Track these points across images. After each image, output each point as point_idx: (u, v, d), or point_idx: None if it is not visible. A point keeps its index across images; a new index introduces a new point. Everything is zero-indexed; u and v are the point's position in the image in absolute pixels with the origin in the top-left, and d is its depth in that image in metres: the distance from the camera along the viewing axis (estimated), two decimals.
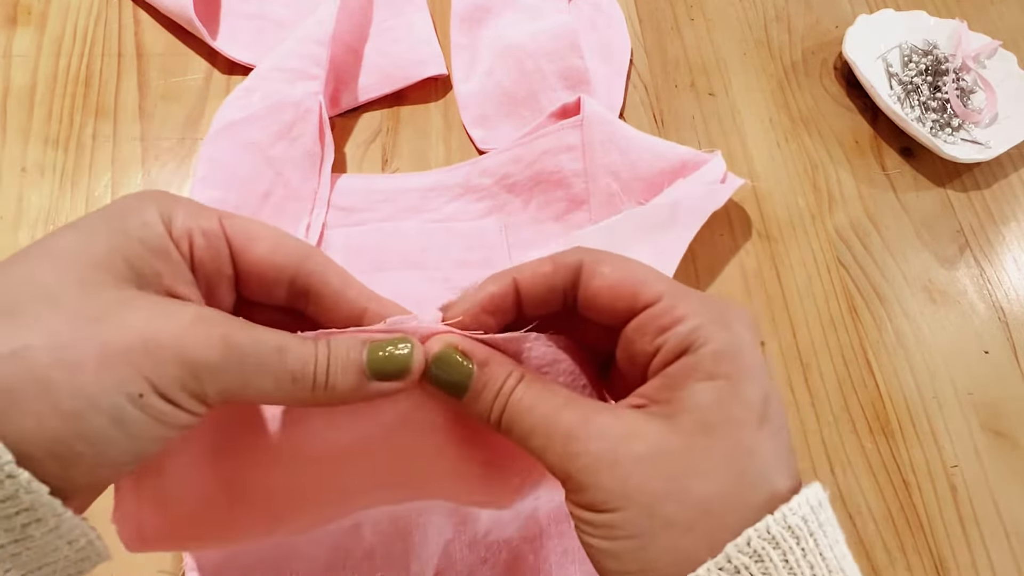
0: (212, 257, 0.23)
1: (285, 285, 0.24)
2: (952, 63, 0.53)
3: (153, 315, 0.20)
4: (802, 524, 0.21)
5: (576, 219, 0.45)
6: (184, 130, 0.48)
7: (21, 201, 0.45)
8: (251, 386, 0.21)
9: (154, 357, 0.19)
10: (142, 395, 0.19)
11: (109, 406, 0.19)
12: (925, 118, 0.52)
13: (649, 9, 0.55)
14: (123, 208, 0.22)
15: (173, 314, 0.20)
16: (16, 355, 0.18)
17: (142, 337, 0.19)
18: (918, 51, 0.54)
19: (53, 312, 0.19)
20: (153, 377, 0.19)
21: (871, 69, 0.53)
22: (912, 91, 0.53)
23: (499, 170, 0.46)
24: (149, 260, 0.21)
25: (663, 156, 0.43)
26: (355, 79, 0.50)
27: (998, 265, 0.47)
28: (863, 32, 0.53)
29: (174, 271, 0.22)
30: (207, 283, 0.23)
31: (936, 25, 0.55)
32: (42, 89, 0.49)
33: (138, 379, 0.19)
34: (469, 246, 0.44)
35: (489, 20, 0.52)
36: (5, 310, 0.19)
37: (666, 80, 0.52)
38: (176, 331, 0.20)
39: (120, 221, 0.22)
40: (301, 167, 0.44)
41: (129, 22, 0.51)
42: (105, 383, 0.19)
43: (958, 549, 0.39)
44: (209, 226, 0.23)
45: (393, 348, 0.23)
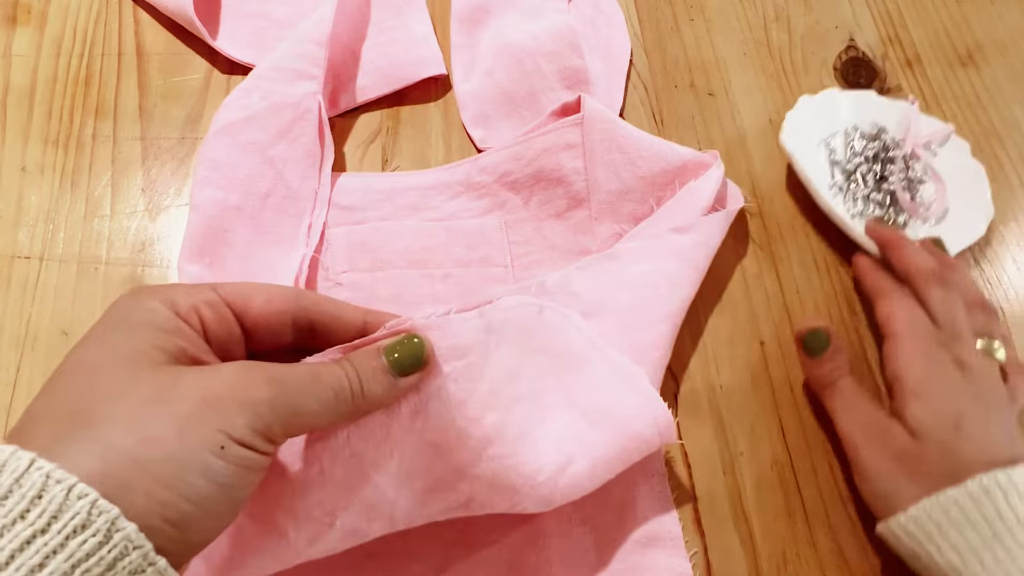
0: (220, 323, 0.26)
1: (289, 326, 0.28)
2: (901, 149, 0.48)
3: (202, 379, 0.23)
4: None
5: (577, 217, 0.45)
6: (184, 130, 0.48)
7: (21, 201, 0.45)
8: (302, 412, 0.25)
9: (220, 411, 0.22)
10: (223, 447, 0.22)
11: (200, 465, 0.22)
12: (867, 214, 0.46)
13: (649, 9, 0.55)
14: (125, 308, 0.25)
15: (217, 373, 0.23)
16: (108, 449, 0.21)
17: (203, 399, 0.22)
18: (864, 135, 0.49)
19: (119, 406, 0.22)
20: (227, 428, 0.22)
21: (812, 156, 0.48)
22: (855, 181, 0.47)
23: (499, 168, 0.46)
24: (170, 340, 0.24)
25: (663, 155, 0.43)
26: (353, 80, 0.50)
27: (998, 265, 0.47)
28: (805, 115, 0.48)
29: (192, 343, 0.25)
30: (221, 347, 0.26)
31: (885, 106, 0.50)
32: (42, 89, 0.49)
33: (215, 434, 0.22)
34: (470, 244, 0.44)
35: (489, 20, 0.52)
36: (80, 414, 0.21)
37: (666, 80, 0.52)
38: (227, 384, 0.23)
39: (129, 319, 0.24)
40: (301, 167, 0.44)
41: (129, 22, 0.51)
42: (190, 446, 0.21)
43: None
44: (209, 297, 0.26)
45: (405, 345, 0.28)
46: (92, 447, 0.21)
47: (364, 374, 0.27)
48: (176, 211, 0.45)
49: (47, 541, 0.19)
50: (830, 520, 0.38)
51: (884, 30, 0.55)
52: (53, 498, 0.19)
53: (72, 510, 0.19)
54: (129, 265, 0.44)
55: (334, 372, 0.26)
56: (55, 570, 0.19)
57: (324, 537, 0.29)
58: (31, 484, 0.19)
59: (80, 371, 0.23)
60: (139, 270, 0.43)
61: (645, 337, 0.38)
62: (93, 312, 0.42)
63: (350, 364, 0.27)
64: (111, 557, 0.19)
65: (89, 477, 0.20)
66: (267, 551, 0.29)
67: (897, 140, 0.48)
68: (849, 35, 0.55)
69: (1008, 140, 0.51)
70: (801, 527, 0.38)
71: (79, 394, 0.22)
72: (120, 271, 0.43)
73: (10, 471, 0.20)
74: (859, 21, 0.56)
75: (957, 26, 0.56)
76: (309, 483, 0.29)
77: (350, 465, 0.29)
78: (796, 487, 0.39)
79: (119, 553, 0.20)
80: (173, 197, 0.46)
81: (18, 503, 0.19)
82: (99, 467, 0.20)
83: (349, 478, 0.29)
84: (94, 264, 0.43)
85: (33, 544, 0.19)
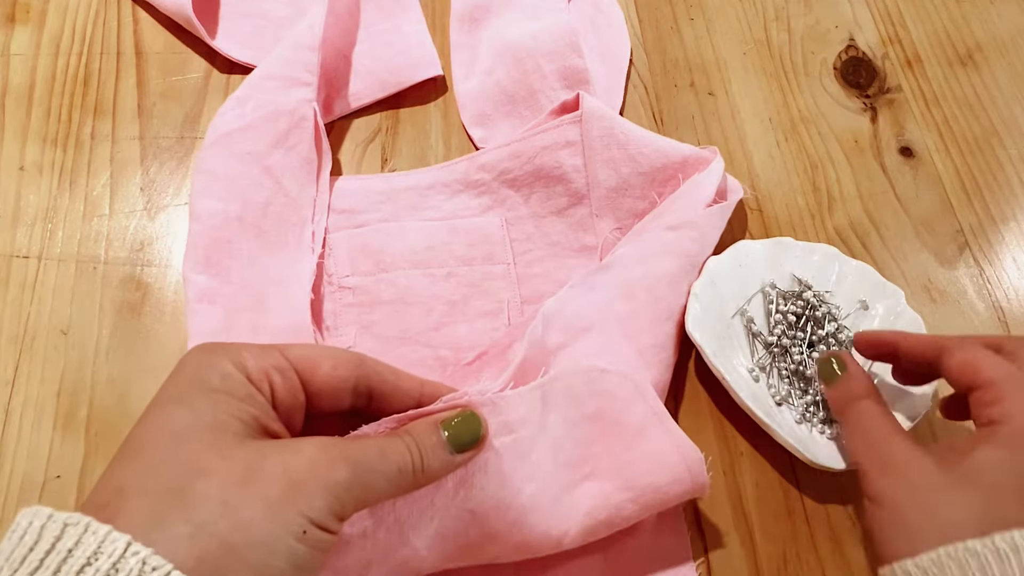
0: (288, 390, 0.27)
1: (350, 392, 0.28)
2: (829, 306, 0.41)
3: (285, 460, 0.23)
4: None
5: (578, 214, 0.45)
6: (183, 129, 0.48)
7: (19, 200, 0.45)
8: (371, 489, 0.25)
9: (303, 495, 0.23)
10: (305, 532, 0.23)
11: (285, 550, 0.22)
12: (794, 400, 0.39)
13: (649, 9, 0.55)
14: (198, 370, 0.25)
15: (298, 452, 0.24)
16: (202, 532, 0.21)
17: (288, 481, 0.23)
18: (786, 295, 0.41)
19: (212, 486, 0.22)
20: (309, 513, 0.23)
21: (727, 335, 0.40)
22: (779, 356, 0.40)
23: (498, 166, 0.46)
24: (245, 409, 0.25)
25: (664, 152, 0.43)
26: (347, 85, 0.49)
27: (998, 265, 0.46)
28: (714, 281, 0.41)
29: (263, 412, 0.25)
30: (286, 413, 0.27)
31: (803, 253, 0.43)
32: (40, 88, 0.48)
33: (299, 519, 0.23)
34: (471, 242, 0.44)
35: (489, 19, 0.52)
36: (175, 492, 0.22)
37: (666, 80, 0.52)
38: (309, 466, 0.24)
39: (205, 382, 0.25)
40: (299, 175, 0.44)
41: (128, 21, 0.51)
42: (277, 532, 0.22)
43: None
44: (279, 363, 0.26)
45: (463, 422, 0.28)
46: (187, 530, 0.21)
47: (424, 449, 0.27)
48: (175, 210, 0.45)
49: None
50: (830, 520, 0.38)
51: (884, 30, 0.55)
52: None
53: None
54: (128, 265, 0.43)
55: (398, 448, 0.26)
56: None
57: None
58: (128, 570, 0.19)
59: (167, 441, 0.23)
60: (138, 270, 0.43)
61: (650, 341, 0.38)
62: (92, 312, 0.42)
63: (412, 439, 0.27)
64: None
65: (184, 563, 0.20)
66: None
67: (823, 293, 0.42)
68: (849, 35, 0.55)
69: (1008, 140, 0.51)
70: (801, 527, 0.38)
71: (170, 468, 0.22)
72: (119, 270, 0.43)
73: (107, 555, 0.20)
74: (859, 21, 0.55)
75: (957, 26, 0.56)
76: (351, 544, 0.29)
77: (392, 529, 0.29)
78: (796, 487, 0.39)
79: None
80: (172, 196, 0.46)
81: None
82: (194, 552, 0.20)
83: (389, 540, 0.29)
84: (93, 263, 0.43)
85: None
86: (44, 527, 0.20)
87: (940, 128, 0.51)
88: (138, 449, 0.23)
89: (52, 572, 0.19)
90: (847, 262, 0.43)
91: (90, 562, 0.19)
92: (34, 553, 0.20)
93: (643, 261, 0.40)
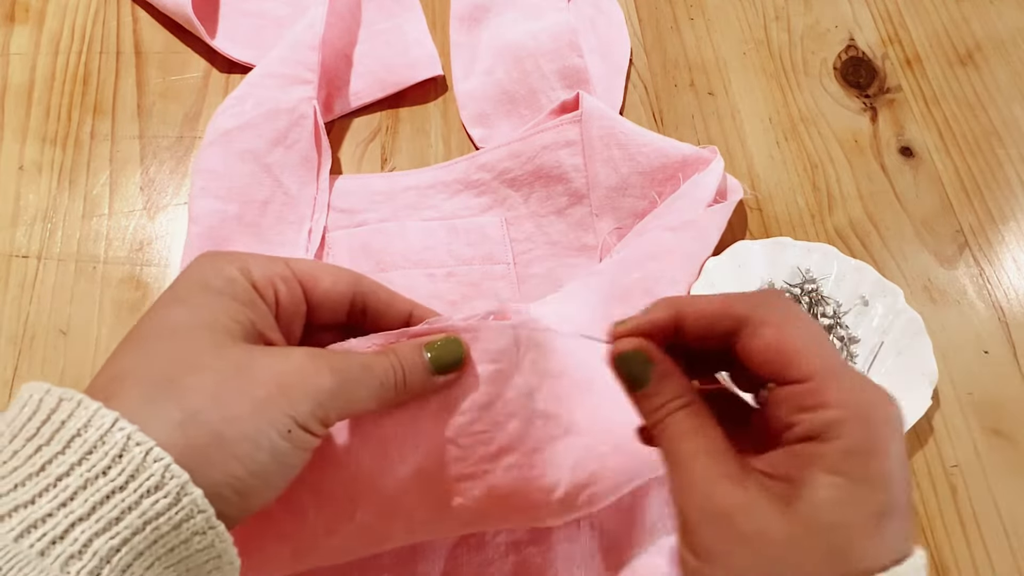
0: (291, 299, 0.28)
1: (347, 308, 0.30)
2: (829, 305, 0.42)
3: (275, 364, 0.25)
4: None
5: (577, 213, 0.45)
6: (182, 128, 0.48)
7: (19, 199, 0.45)
8: (354, 399, 0.27)
9: (289, 397, 0.24)
10: (290, 431, 0.24)
11: (269, 445, 0.24)
12: None
13: (649, 8, 0.55)
14: (203, 273, 0.26)
15: (288, 359, 0.25)
16: (193, 420, 0.22)
17: (277, 384, 0.24)
18: (787, 286, 0.42)
19: (204, 377, 0.23)
20: (294, 414, 0.24)
21: None
22: None
23: (498, 165, 0.46)
24: (245, 312, 0.26)
25: (663, 151, 0.43)
26: (347, 84, 0.49)
27: (998, 265, 0.46)
28: (714, 281, 0.41)
29: (262, 318, 0.27)
30: (287, 322, 0.28)
31: (803, 253, 0.43)
32: (40, 87, 0.48)
33: (284, 419, 0.24)
34: (471, 242, 0.44)
35: (489, 19, 0.52)
36: (167, 381, 0.23)
37: (666, 79, 0.52)
38: (297, 371, 0.25)
39: (209, 285, 0.26)
40: (298, 173, 0.44)
41: (127, 20, 0.51)
42: (263, 428, 0.23)
43: (958, 549, 0.39)
44: (284, 273, 0.28)
45: (446, 344, 0.29)
46: (178, 416, 0.22)
47: (407, 367, 0.28)
48: (175, 210, 0.45)
49: (124, 498, 0.21)
50: None
51: (884, 30, 0.55)
52: (132, 459, 0.21)
53: (148, 471, 0.21)
54: (127, 264, 0.43)
55: (382, 364, 0.28)
56: (129, 524, 0.21)
57: (342, 529, 0.30)
58: (113, 443, 0.21)
59: (166, 334, 0.24)
60: (137, 269, 0.43)
61: None
62: (91, 311, 0.42)
63: (396, 356, 0.28)
64: (178, 518, 0.21)
65: (173, 447, 0.21)
66: (287, 534, 0.29)
67: (822, 293, 0.41)
68: (849, 35, 0.55)
69: (1008, 140, 0.51)
70: None
71: (166, 358, 0.24)
72: (118, 270, 0.43)
73: (96, 428, 0.21)
74: (859, 21, 0.55)
75: (957, 26, 0.56)
76: (336, 461, 0.30)
77: (376, 451, 0.30)
78: None
79: (186, 515, 0.21)
80: (171, 196, 0.46)
81: (101, 459, 0.21)
82: (183, 438, 0.22)
83: (374, 465, 0.30)
84: (92, 263, 0.43)
85: (112, 499, 0.21)
86: (42, 400, 0.22)
87: (940, 128, 0.51)
88: (137, 341, 0.25)
89: (47, 439, 0.21)
90: (846, 261, 0.43)
91: (79, 433, 0.21)
92: (32, 422, 0.21)
93: (641, 263, 0.40)
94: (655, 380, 0.25)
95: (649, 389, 0.25)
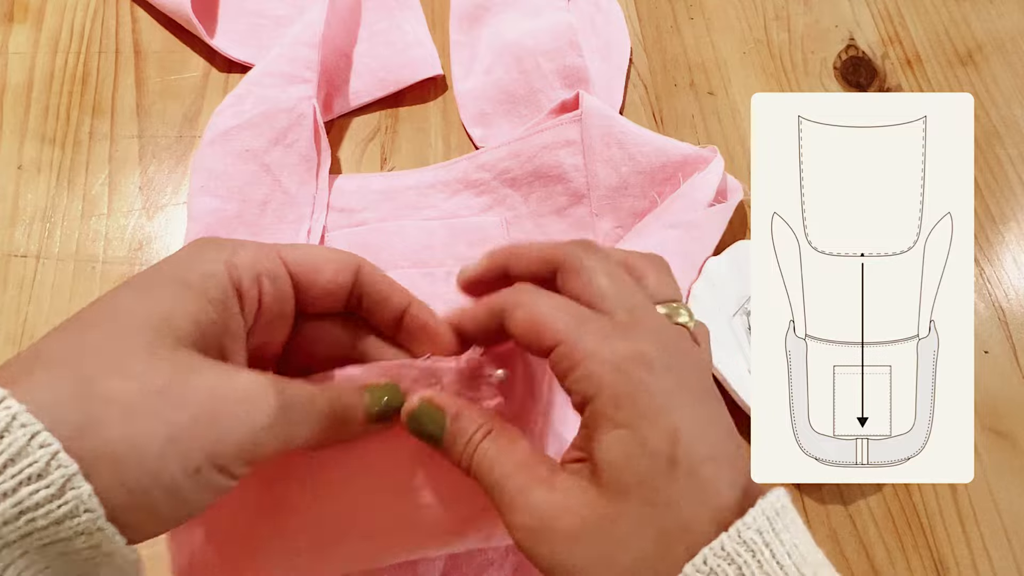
0: (278, 299, 0.25)
1: (345, 299, 0.27)
2: None
3: (213, 384, 0.21)
4: (757, 537, 0.21)
5: (577, 213, 0.45)
6: (181, 128, 0.48)
7: (17, 199, 0.45)
8: (292, 438, 0.23)
9: (216, 431, 0.21)
10: (199, 470, 0.21)
11: (169, 482, 0.20)
12: None
13: (649, 8, 0.55)
14: (186, 261, 0.24)
15: (230, 381, 0.22)
16: (92, 428, 0.19)
17: (206, 410, 0.21)
18: None
19: (123, 385, 0.20)
20: (213, 452, 0.21)
21: (727, 335, 0.39)
22: None
23: (497, 165, 0.46)
24: (210, 315, 0.23)
25: (663, 151, 0.43)
26: (347, 83, 0.49)
27: (998, 265, 0.46)
28: (714, 282, 0.40)
29: (229, 323, 0.23)
30: (267, 324, 0.25)
31: None
32: (39, 86, 0.48)
33: (198, 455, 0.21)
34: (471, 242, 0.44)
35: (488, 18, 0.52)
36: (82, 379, 0.20)
37: (666, 79, 0.52)
38: (235, 399, 0.21)
39: (184, 274, 0.23)
40: (298, 172, 0.44)
41: (127, 19, 0.51)
42: (168, 461, 0.20)
43: (958, 549, 0.39)
44: (274, 270, 0.25)
45: (383, 399, 0.26)
46: (77, 419, 0.19)
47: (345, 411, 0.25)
48: (174, 210, 0.45)
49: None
50: (830, 520, 0.38)
51: (884, 29, 0.55)
52: (14, 440, 0.18)
53: (31, 457, 0.18)
54: (126, 264, 0.43)
55: (324, 403, 0.24)
56: (2, 512, 0.18)
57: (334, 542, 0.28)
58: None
59: (105, 322, 0.22)
60: (136, 269, 0.43)
61: None
62: None
63: (338, 397, 0.25)
64: (60, 513, 0.19)
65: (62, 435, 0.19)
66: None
67: None
68: (849, 34, 0.55)
69: (1008, 140, 0.51)
70: None
71: (92, 351, 0.21)
72: (117, 270, 0.43)
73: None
74: (859, 20, 0.55)
75: (957, 26, 0.55)
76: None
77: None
78: (796, 487, 0.39)
79: (69, 511, 0.19)
80: (171, 196, 0.46)
81: None
82: (77, 439, 0.19)
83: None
84: (91, 263, 0.43)
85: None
86: None
87: None
88: (76, 323, 0.22)
89: None
90: None
91: None
92: None
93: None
94: (450, 424, 0.25)
95: (448, 436, 0.25)
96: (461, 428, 0.25)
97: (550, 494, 0.23)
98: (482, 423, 0.25)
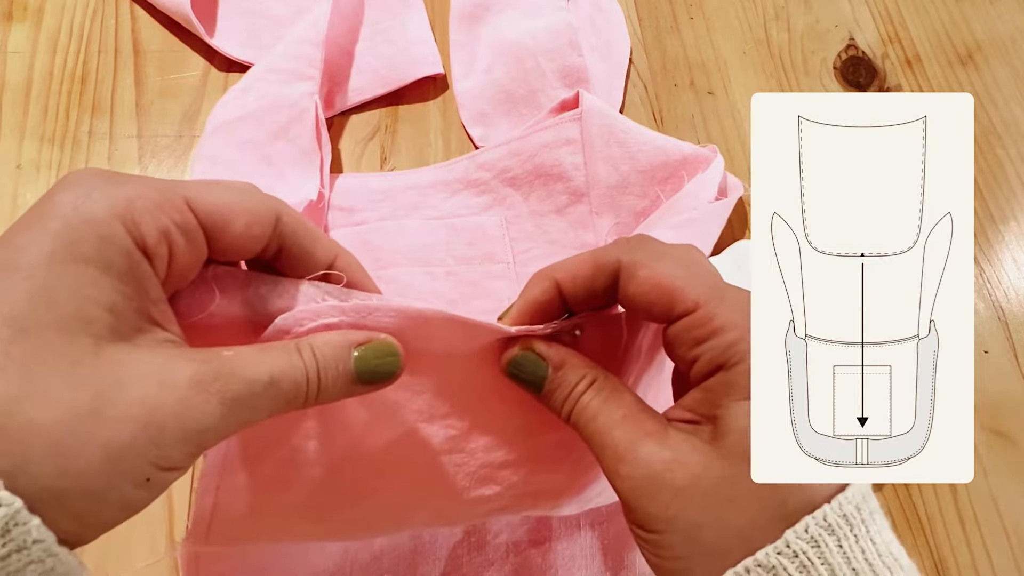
0: (190, 251, 0.22)
1: (258, 250, 0.24)
2: None
3: (148, 394, 0.19)
4: (855, 512, 0.21)
5: (577, 212, 0.45)
6: (181, 127, 0.48)
7: (16, 199, 0.45)
8: (249, 419, 0.21)
9: (159, 444, 0.19)
10: (149, 479, 0.19)
11: (119, 498, 0.19)
12: None
13: (648, 8, 0.55)
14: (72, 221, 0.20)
15: (167, 383, 0.19)
16: (23, 468, 0.17)
17: (145, 425, 0.19)
18: None
19: (46, 413, 0.18)
20: (158, 459, 0.19)
21: None
22: None
23: (498, 164, 0.46)
24: (120, 290, 0.20)
25: (663, 150, 0.43)
26: (348, 81, 0.49)
27: (998, 265, 0.46)
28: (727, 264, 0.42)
29: (144, 290, 0.20)
30: (180, 277, 0.22)
31: None
32: (38, 86, 0.48)
33: (145, 468, 0.19)
34: (471, 241, 0.44)
35: (488, 18, 0.52)
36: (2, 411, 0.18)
37: (665, 79, 0.52)
38: (175, 406, 0.19)
39: (74, 249, 0.19)
40: (299, 167, 0.44)
41: (126, 19, 0.51)
42: (113, 481, 0.18)
43: (958, 549, 0.39)
44: (184, 220, 0.21)
45: (380, 358, 0.24)
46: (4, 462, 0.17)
47: (326, 377, 0.23)
48: None
49: None
50: None
51: (884, 29, 0.55)
52: None
53: None
54: None
55: (294, 378, 0.22)
56: None
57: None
58: None
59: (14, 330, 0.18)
60: None
61: None
62: None
63: (314, 361, 0.22)
64: (5, 551, 0.17)
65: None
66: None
67: None
68: (849, 34, 0.55)
69: (1008, 140, 0.51)
70: None
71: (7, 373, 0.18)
72: None
73: None
74: (859, 20, 0.55)
75: (957, 26, 0.55)
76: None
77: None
78: None
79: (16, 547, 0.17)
80: None
81: None
82: (10, 480, 0.17)
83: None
84: None
85: None
86: None
87: None
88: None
89: None
90: None
91: None
92: None
93: None
94: (552, 373, 0.24)
95: (550, 385, 0.25)
96: (563, 379, 0.24)
97: (661, 449, 0.22)
98: (585, 372, 0.24)
